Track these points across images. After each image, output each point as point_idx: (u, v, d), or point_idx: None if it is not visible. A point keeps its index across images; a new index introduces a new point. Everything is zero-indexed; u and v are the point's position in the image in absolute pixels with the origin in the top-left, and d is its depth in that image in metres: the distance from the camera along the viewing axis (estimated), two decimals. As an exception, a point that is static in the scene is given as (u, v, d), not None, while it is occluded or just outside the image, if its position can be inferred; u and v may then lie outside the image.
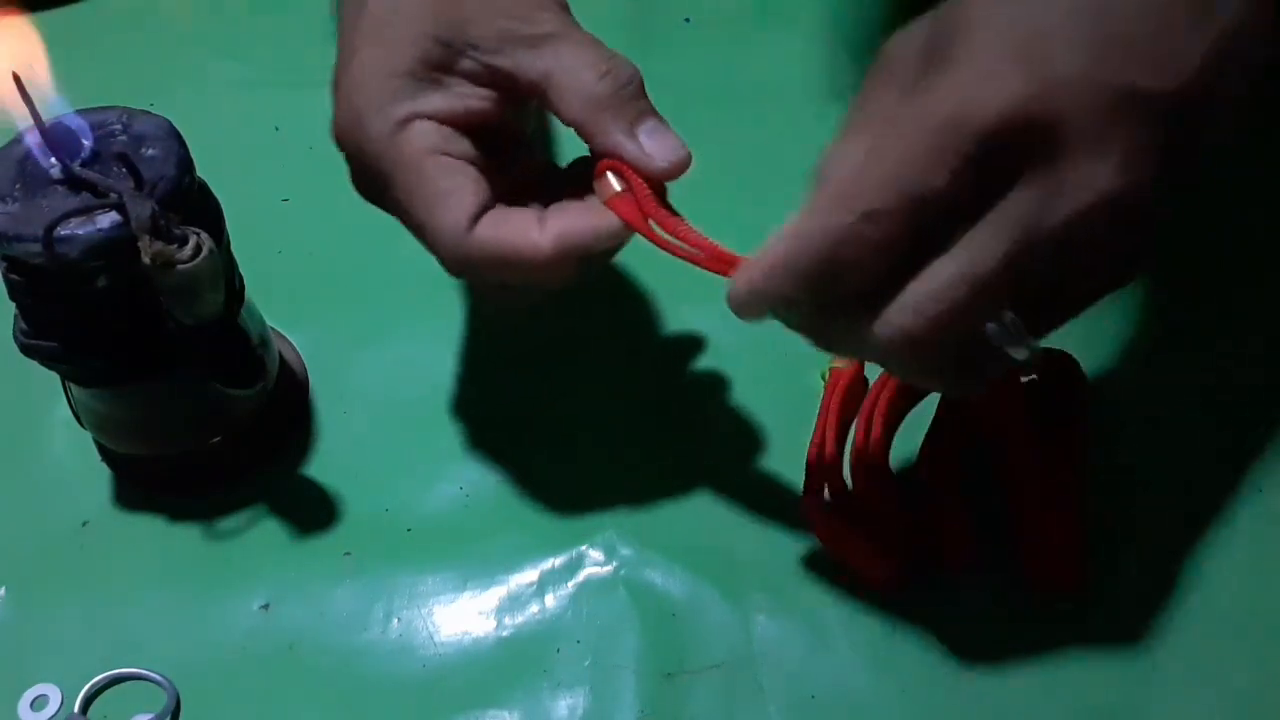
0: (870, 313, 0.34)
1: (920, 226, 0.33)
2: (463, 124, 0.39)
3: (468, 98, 0.39)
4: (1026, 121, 0.32)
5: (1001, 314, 0.34)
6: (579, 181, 0.40)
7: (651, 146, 0.38)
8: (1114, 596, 0.45)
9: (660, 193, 0.39)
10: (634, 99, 0.39)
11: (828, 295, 0.35)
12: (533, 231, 0.38)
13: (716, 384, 0.51)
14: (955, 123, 0.32)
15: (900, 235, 0.33)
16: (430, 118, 0.39)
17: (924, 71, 0.35)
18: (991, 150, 0.33)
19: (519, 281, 0.40)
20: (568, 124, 0.39)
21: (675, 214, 0.39)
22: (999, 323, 0.34)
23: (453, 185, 0.38)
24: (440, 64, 0.39)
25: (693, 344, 0.53)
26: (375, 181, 0.39)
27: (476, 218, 0.38)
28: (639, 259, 0.39)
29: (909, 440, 0.48)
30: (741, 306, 0.37)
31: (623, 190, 0.38)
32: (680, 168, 0.39)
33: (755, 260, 0.36)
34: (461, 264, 0.39)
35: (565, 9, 0.40)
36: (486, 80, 0.39)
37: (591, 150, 0.40)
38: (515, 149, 0.42)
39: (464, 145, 0.39)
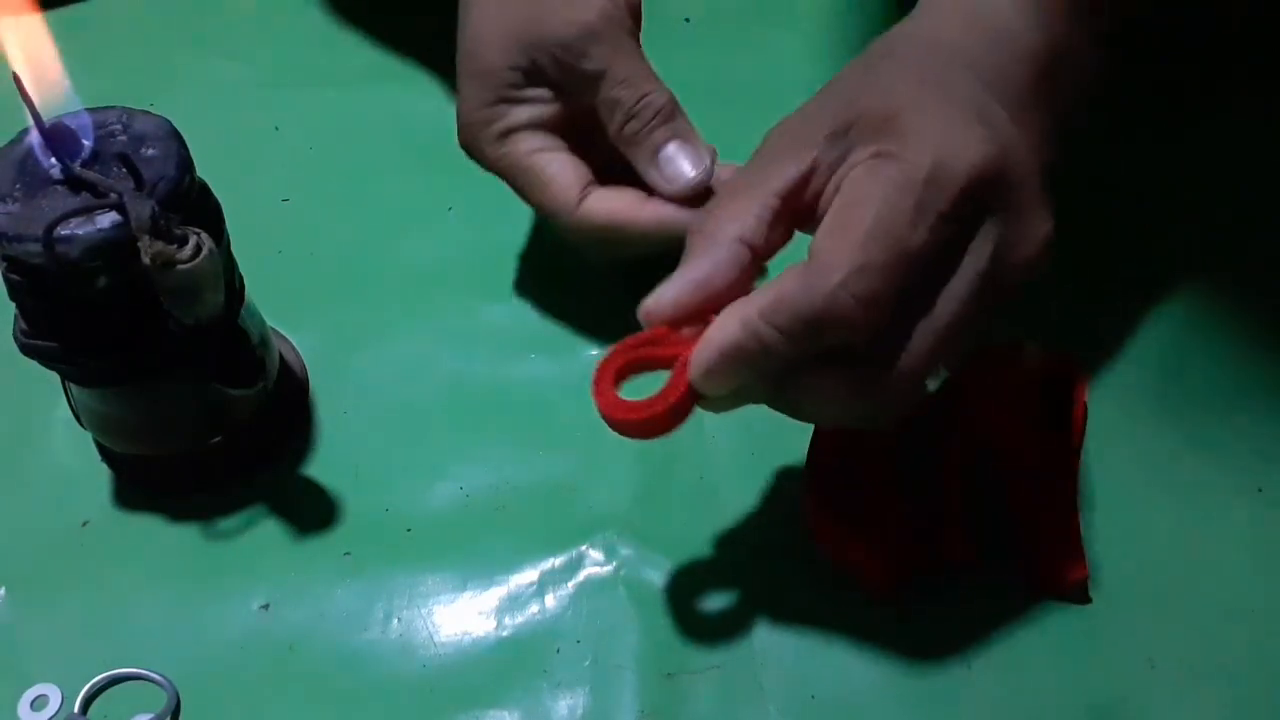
0: (872, 376, 0.37)
1: (909, 280, 0.35)
2: (550, 127, 0.48)
3: (547, 107, 0.48)
4: (993, 177, 0.36)
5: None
6: None
7: (669, 171, 0.47)
8: (1114, 596, 0.45)
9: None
10: (652, 131, 0.47)
11: (805, 349, 0.36)
12: (634, 209, 0.47)
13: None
14: (933, 181, 0.35)
15: (891, 291, 0.35)
16: (526, 127, 0.48)
17: (846, 143, 0.37)
18: (970, 199, 0.36)
19: (625, 244, 0.48)
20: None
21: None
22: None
23: (555, 172, 0.47)
24: (520, 84, 0.47)
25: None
26: (508, 183, 0.49)
27: (581, 196, 0.47)
28: (638, 261, 0.39)
29: (910, 441, 0.48)
30: (711, 372, 0.37)
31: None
32: (690, 188, 0.46)
33: (728, 318, 0.37)
34: (576, 233, 0.48)
35: (621, 32, 0.47)
36: (561, 91, 0.48)
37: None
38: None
39: (557, 141, 0.48)
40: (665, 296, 0.38)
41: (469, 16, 0.48)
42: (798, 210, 0.38)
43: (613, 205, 0.47)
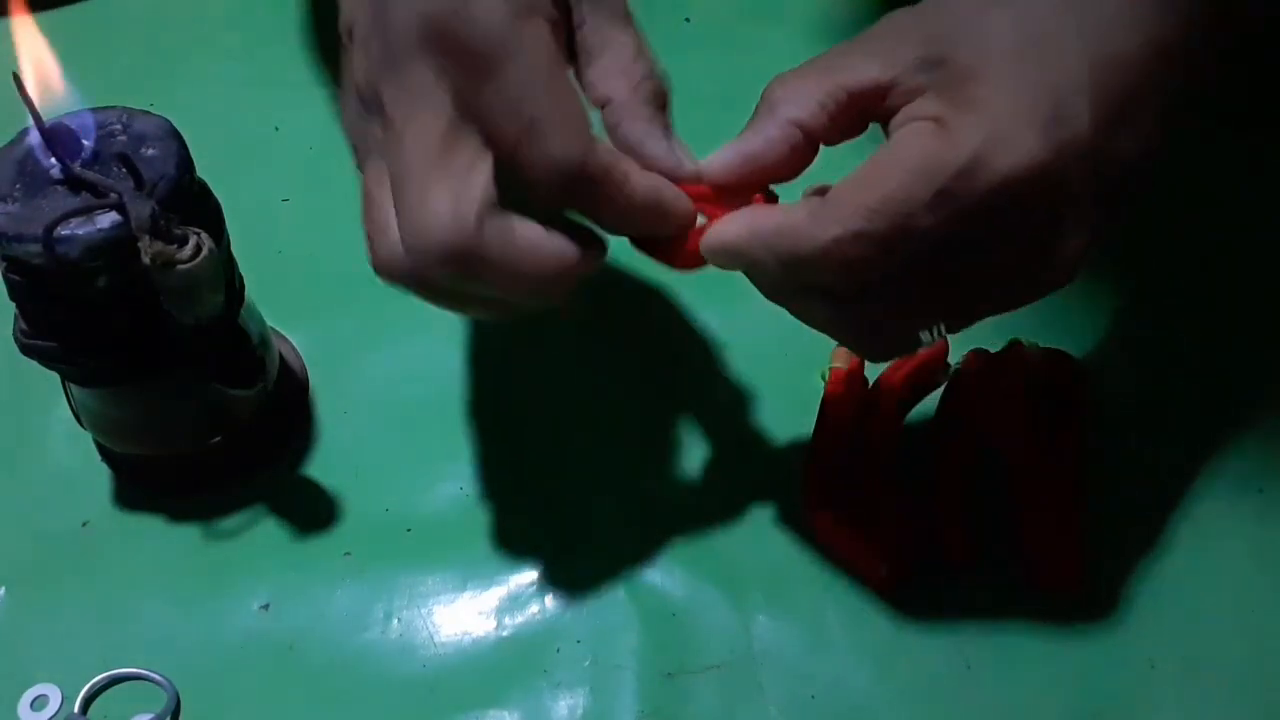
0: (835, 308, 0.37)
1: (904, 255, 0.35)
2: (560, 38, 0.37)
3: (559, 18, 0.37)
4: (1032, 190, 0.34)
5: (936, 327, 0.37)
6: None
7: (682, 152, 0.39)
8: (1114, 596, 0.45)
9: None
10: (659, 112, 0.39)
11: (796, 280, 0.36)
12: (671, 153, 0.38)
13: (717, 384, 0.51)
14: (966, 175, 0.33)
15: (880, 259, 0.35)
16: (547, 20, 0.36)
17: (927, 70, 0.35)
18: (993, 210, 0.34)
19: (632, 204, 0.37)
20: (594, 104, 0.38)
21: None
22: (929, 332, 0.37)
23: (579, 108, 0.36)
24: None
25: (693, 345, 0.53)
26: (474, 69, 0.35)
27: (591, 144, 0.36)
28: (639, 260, 0.39)
29: (910, 441, 0.48)
30: (717, 259, 0.38)
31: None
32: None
33: (743, 224, 0.37)
34: (578, 174, 0.35)
35: (538, 16, 0.37)
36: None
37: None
38: None
39: (567, 70, 0.38)
40: (716, 161, 0.38)
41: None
42: (867, 111, 0.37)
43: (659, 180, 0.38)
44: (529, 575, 0.46)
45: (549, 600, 0.46)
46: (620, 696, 0.43)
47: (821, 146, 0.38)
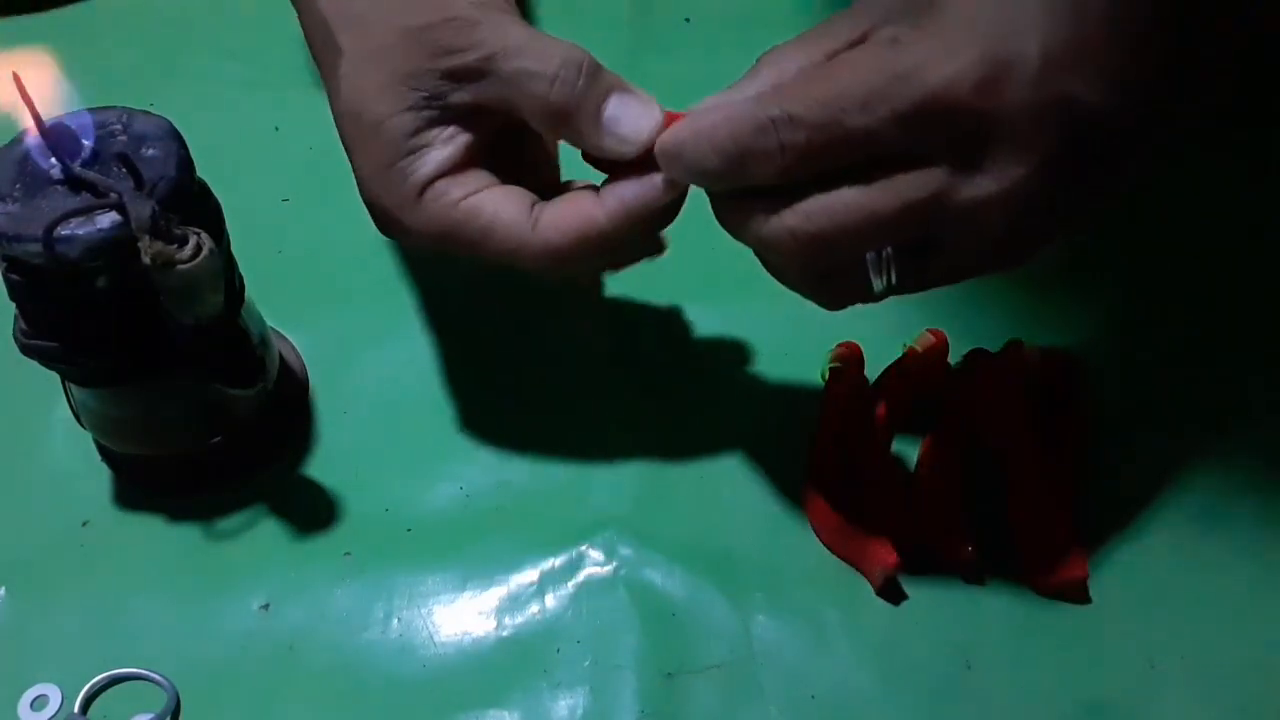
0: (769, 208, 0.37)
1: (835, 153, 0.35)
2: (469, 163, 0.40)
3: (458, 141, 0.40)
4: (966, 101, 0.34)
5: (883, 247, 0.37)
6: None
7: (624, 130, 0.39)
8: (1114, 596, 0.45)
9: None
10: (588, 90, 0.39)
11: (737, 178, 0.37)
12: (591, 207, 0.39)
13: (717, 384, 0.51)
14: (903, 79, 0.34)
15: (813, 150, 0.35)
16: (441, 175, 0.40)
17: (904, 14, 0.36)
18: (926, 116, 0.34)
19: (595, 258, 0.40)
20: (545, 136, 0.41)
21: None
22: (877, 253, 0.37)
23: (492, 210, 0.40)
24: (420, 127, 0.40)
25: (693, 344, 0.53)
26: (449, 249, 0.41)
27: (534, 219, 0.39)
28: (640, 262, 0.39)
29: (910, 440, 0.48)
30: (664, 161, 0.38)
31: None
32: (649, 141, 0.39)
33: (686, 123, 0.37)
34: (543, 262, 0.40)
35: (503, 15, 0.40)
36: (465, 117, 0.40)
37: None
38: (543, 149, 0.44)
39: (483, 177, 0.40)
40: (696, 110, 0.38)
41: (336, 75, 0.41)
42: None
43: (572, 214, 0.39)
44: (529, 575, 0.46)
45: (549, 600, 0.46)
46: (620, 696, 0.43)
47: None
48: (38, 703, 0.43)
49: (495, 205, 0.40)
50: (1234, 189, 0.57)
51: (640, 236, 0.41)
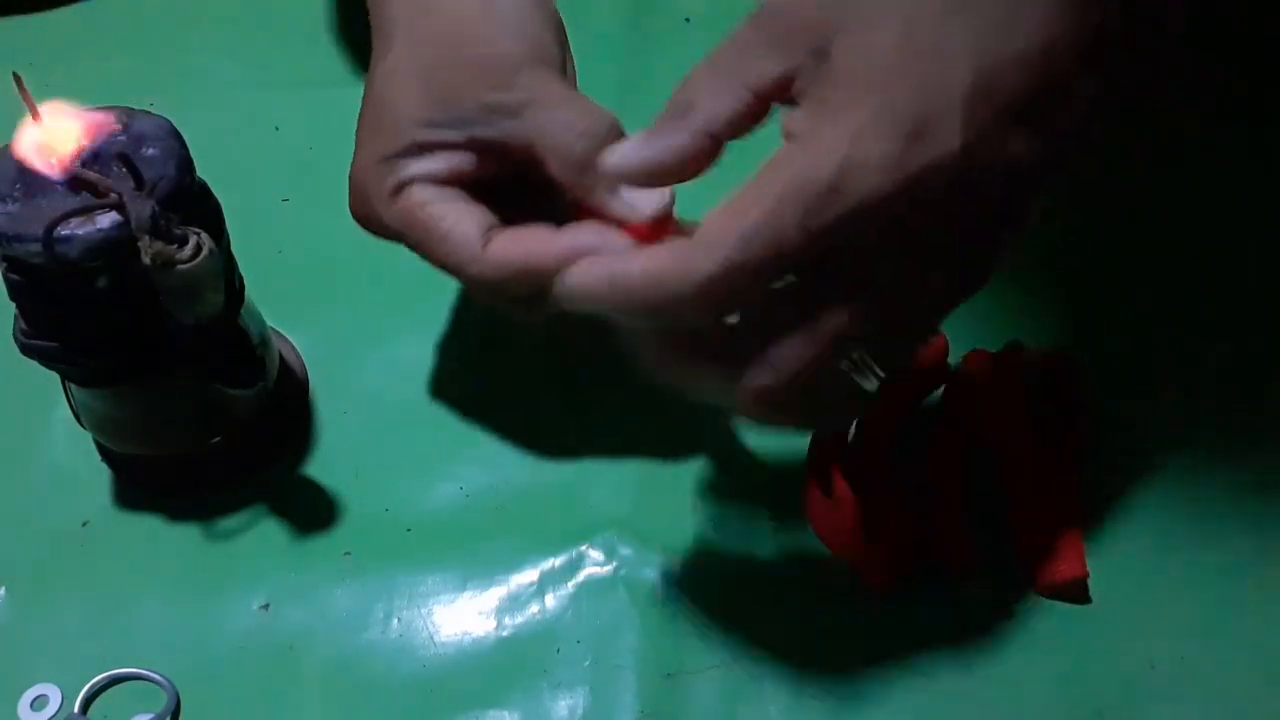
0: (724, 376, 0.36)
1: (764, 282, 0.34)
2: (450, 180, 0.42)
3: (452, 158, 0.41)
4: (896, 203, 0.33)
5: (853, 354, 0.36)
6: None
7: (632, 196, 0.39)
8: (1114, 596, 0.45)
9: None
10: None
11: (672, 324, 0.36)
12: (547, 242, 0.39)
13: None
14: (828, 194, 0.33)
15: (758, 283, 0.34)
16: (422, 180, 0.41)
17: (813, 74, 0.35)
18: (856, 222, 0.33)
19: (540, 293, 0.40)
20: (558, 184, 0.41)
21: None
22: (850, 360, 0.36)
23: (452, 221, 0.41)
24: (432, 143, 0.41)
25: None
26: (406, 245, 0.42)
27: (486, 240, 0.40)
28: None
29: (910, 441, 0.48)
30: (569, 301, 0.37)
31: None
32: (659, 214, 0.39)
33: (600, 269, 0.36)
34: (485, 287, 0.41)
35: (549, 63, 0.42)
36: (479, 149, 0.41)
37: (580, 207, 0.41)
38: (544, 193, 0.43)
39: (454, 192, 0.41)
40: (617, 154, 0.38)
41: (382, 62, 0.43)
42: (773, 99, 0.36)
43: (523, 245, 0.40)
44: (529, 575, 0.46)
45: (549, 600, 0.46)
46: (620, 696, 0.43)
47: None
48: (38, 703, 0.43)
49: (456, 218, 0.41)
50: (1234, 189, 0.57)
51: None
